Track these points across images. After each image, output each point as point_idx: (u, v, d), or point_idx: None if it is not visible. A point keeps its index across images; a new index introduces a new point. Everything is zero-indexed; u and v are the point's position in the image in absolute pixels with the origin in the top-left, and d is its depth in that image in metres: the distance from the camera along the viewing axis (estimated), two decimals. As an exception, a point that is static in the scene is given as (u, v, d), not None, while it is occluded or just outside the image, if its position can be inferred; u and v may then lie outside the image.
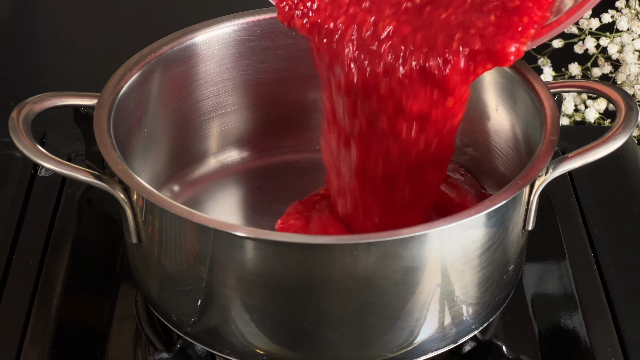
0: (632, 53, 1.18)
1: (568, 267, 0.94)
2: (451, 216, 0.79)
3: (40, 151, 0.84)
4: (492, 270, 0.85)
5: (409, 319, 0.82)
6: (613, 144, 0.85)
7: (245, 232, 0.78)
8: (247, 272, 0.80)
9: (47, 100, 0.89)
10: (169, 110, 0.96)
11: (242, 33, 0.97)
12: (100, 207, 1.01)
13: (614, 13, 1.20)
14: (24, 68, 1.30)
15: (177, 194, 0.99)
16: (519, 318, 0.92)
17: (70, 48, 1.33)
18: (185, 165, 1.00)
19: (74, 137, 1.03)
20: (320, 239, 0.82)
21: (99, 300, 0.93)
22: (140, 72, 0.91)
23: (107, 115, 0.87)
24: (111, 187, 0.83)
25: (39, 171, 1.03)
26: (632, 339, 0.88)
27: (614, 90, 0.89)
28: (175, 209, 0.80)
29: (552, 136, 0.84)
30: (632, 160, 1.05)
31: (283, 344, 0.83)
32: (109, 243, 0.98)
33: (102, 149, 0.84)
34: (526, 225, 0.86)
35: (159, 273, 0.86)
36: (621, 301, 0.91)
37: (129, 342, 0.90)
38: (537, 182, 0.84)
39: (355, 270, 0.79)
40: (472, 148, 0.98)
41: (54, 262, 0.94)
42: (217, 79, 0.98)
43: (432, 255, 0.80)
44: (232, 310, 0.82)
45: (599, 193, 1.02)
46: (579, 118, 1.21)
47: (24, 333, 0.88)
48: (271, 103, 1.01)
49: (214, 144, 1.01)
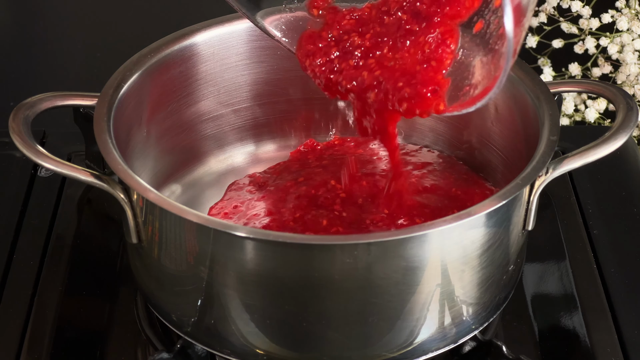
0: (632, 53, 1.18)
1: (568, 267, 0.94)
2: (451, 216, 0.79)
3: (40, 151, 0.84)
4: (492, 270, 0.85)
5: (409, 319, 0.82)
6: (613, 144, 0.86)
7: (245, 232, 0.78)
8: (247, 272, 0.80)
9: (47, 100, 0.89)
10: (169, 110, 0.96)
11: (242, 33, 0.97)
12: (100, 207, 1.01)
13: (614, 13, 1.20)
14: (24, 68, 1.30)
15: (177, 194, 0.99)
16: (519, 318, 0.92)
17: (70, 48, 1.33)
18: (185, 165, 1.00)
19: (74, 137, 1.03)
20: (321, 239, 0.82)
21: (99, 300, 0.93)
22: (140, 72, 0.91)
23: (107, 115, 0.87)
24: (111, 187, 0.83)
25: (39, 171, 1.03)
26: (632, 339, 0.88)
27: (614, 90, 0.89)
28: (175, 209, 0.80)
29: (552, 136, 0.84)
30: (632, 160, 1.05)
31: (283, 344, 0.83)
32: (109, 243, 0.98)
33: (102, 149, 0.84)
34: (526, 225, 0.86)
35: (159, 273, 0.86)
36: (621, 301, 0.91)
37: (129, 342, 0.90)
38: (537, 182, 0.84)
39: (355, 270, 0.79)
40: (472, 148, 0.98)
41: (54, 262, 0.94)
42: (217, 79, 0.98)
43: (432, 255, 0.80)
44: (232, 310, 0.82)
45: (599, 193, 1.02)
46: (579, 118, 1.21)
47: (24, 333, 0.88)
48: (271, 103, 1.01)
49: (214, 144, 1.01)
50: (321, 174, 0.95)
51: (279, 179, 0.96)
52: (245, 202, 0.95)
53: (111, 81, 0.90)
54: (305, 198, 0.92)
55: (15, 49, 1.33)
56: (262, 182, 0.97)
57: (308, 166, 0.97)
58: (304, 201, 0.91)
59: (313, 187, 0.93)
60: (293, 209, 0.91)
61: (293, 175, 0.96)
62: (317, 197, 0.92)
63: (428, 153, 1.00)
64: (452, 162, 0.99)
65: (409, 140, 1.01)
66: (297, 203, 0.91)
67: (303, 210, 0.90)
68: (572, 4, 1.21)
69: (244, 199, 0.95)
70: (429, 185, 0.94)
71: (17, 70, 1.30)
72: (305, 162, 0.98)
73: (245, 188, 0.97)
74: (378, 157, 0.99)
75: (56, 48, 1.33)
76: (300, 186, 0.93)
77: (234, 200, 0.96)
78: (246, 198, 0.95)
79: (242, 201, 0.95)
